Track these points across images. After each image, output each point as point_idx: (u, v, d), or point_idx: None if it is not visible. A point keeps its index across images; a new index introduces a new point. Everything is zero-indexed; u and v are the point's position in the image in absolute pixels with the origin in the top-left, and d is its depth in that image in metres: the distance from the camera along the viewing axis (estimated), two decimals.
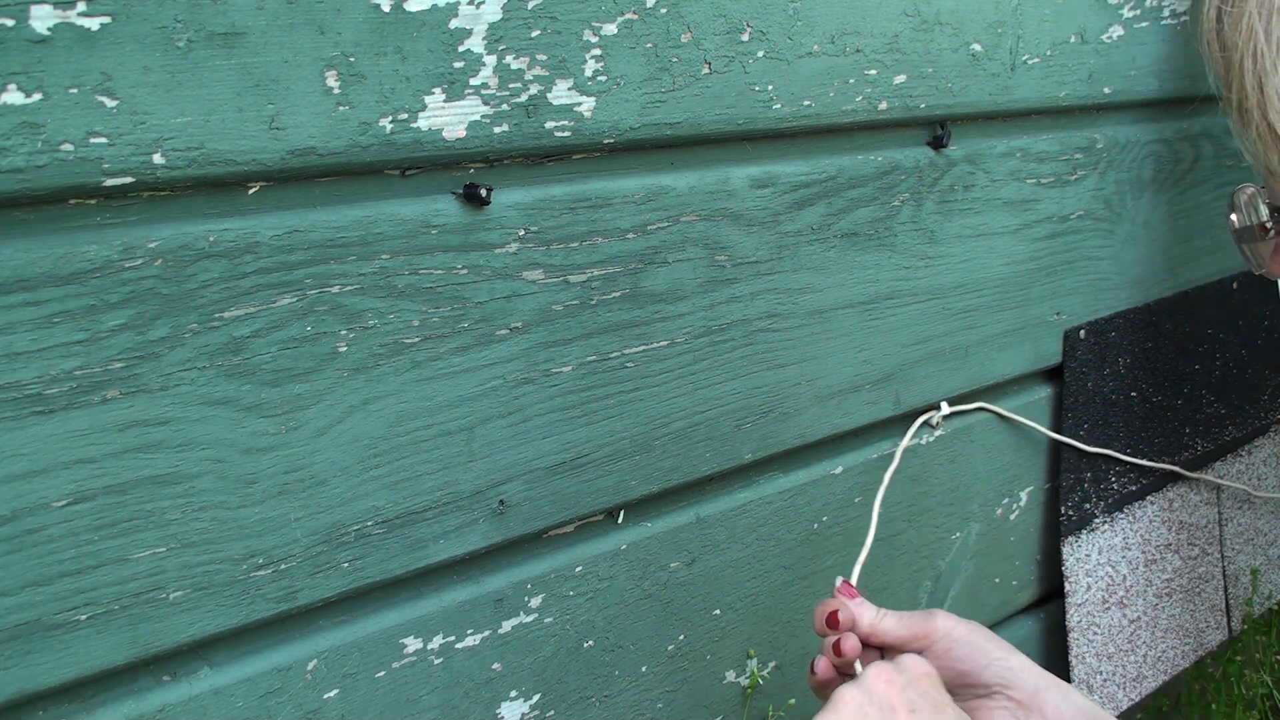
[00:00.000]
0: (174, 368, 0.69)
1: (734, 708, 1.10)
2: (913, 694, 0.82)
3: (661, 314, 0.93)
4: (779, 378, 1.05)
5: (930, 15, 1.06)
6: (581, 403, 0.90)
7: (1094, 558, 1.42)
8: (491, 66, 0.78)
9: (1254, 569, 1.67)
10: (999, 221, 1.21)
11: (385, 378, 0.78)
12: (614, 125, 0.86)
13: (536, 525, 0.90)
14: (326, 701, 0.81)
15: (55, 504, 0.66)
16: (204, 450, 0.71)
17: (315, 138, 0.71)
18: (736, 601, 1.08)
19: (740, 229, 0.97)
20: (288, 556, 0.76)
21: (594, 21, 0.82)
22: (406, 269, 0.78)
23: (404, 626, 0.84)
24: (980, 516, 1.31)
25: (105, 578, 0.69)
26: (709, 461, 1.01)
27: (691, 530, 1.02)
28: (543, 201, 0.84)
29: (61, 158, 0.62)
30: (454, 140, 0.78)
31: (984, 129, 1.18)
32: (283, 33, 0.68)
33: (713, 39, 0.90)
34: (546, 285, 0.86)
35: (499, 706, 0.91)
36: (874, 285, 1.10)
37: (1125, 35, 1.27)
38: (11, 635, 0.66)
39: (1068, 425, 1.36)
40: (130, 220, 0.67)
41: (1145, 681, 1.50)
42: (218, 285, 0.70)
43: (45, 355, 0.64)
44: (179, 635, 0.73)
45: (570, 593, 0.94)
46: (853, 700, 0.81)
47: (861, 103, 1.03)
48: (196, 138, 0.67)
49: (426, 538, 0.83)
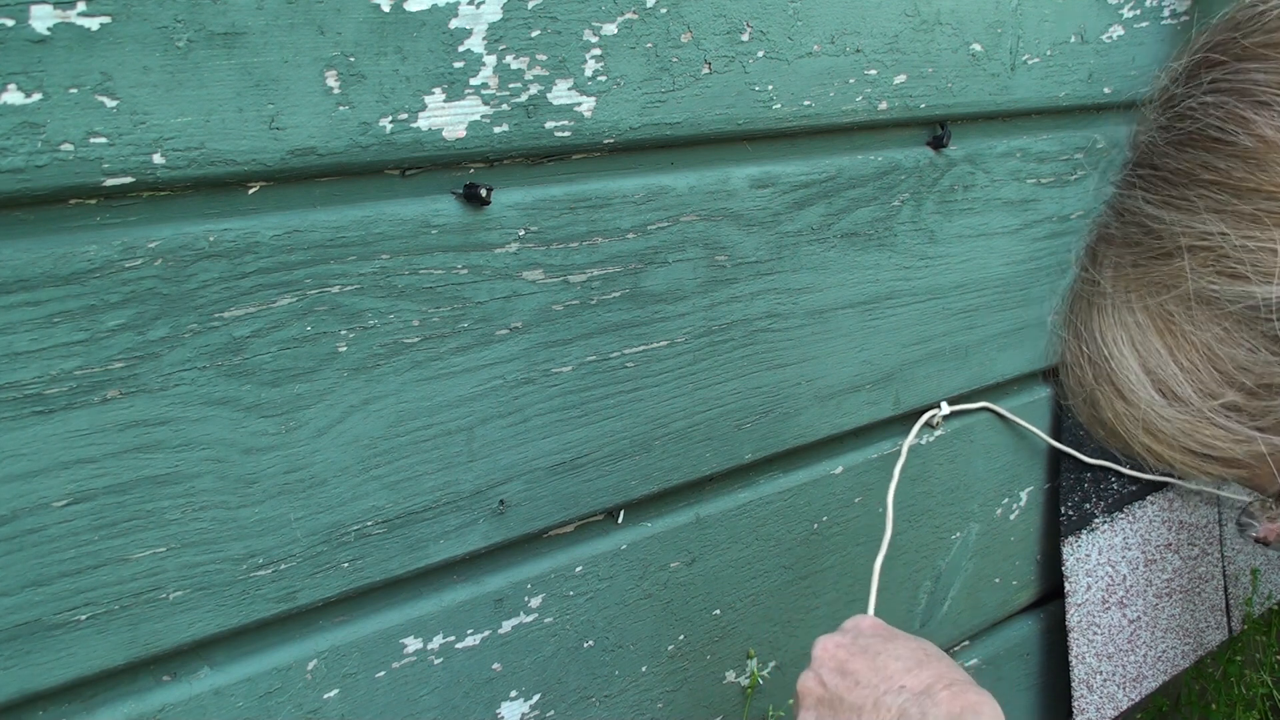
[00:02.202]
0: (174, 368, 0.69)
1: (734, 708, 1.10)
2: (863, 642, 0.83)
3: (661, 314, 0.93)
4: (779, 378, 1.05)
5: (930, 15, 1.06)
6: (581, 403, 0.90)
7: (1094, 558, 1.42)
8: (491, 66, 0.78)
9: (1254, 569, 1.67)
10: (999, 221, 1.21)
11: (385, 378, 0.78)
12: (614, 125, 0.86)
13: (536, 525, 0.90)
14: (326, 701, 0.81)
15: (55, 504, 0.66)
16: (204, 450, 0.71)
17: (315, 138, 0.71)
18: (736, 601, 1.08)
19: (740, 229, 0.97)
20: (288, 556, 0.76)
21: (594, 21, 0.82)
22: (406, 269, 0.78)
23: (404, 626, 0.84)
24: (980, 516, 1.31)
25: (105, 578, 0.69)
26: (709, 461, 1.01)
27: (691, 530, 1.02)
28: (543, 201, 0.84)
29: (61, 158, 0.62)
30: (454, 140, 0.78)
31: (984, 129, 1.18)
32: (283, 32, 0.68)
33: (713, 39, 0.90)
34: (546, 285, 0.86)
35: (499, 706, 0.91)
36: (874, 285, 1.10)
37: (1125, 35, 1.27)
38: (11, 635, 0.66)
39: (1068, 425, 1.36)
40: (130, 220, 0.67)
41: (1145, 681, 1.50)
42: (218, 285, 0.70)
43: (45, 355, 0.64)
44: (179, 635, 0.73)
45: (570, 593, 0.94)
46: (808, 681, 0.83)
47: (861, 103, 1.03)
48: (196, 138, 0.67)
49: (426, 538, 0.83)
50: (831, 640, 0.84)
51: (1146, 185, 0.64)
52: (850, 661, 0.81)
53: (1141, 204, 0.63)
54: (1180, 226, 0.61)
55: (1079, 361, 0.67)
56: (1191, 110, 0.62)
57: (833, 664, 0.82)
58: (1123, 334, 0.64)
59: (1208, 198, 0.60)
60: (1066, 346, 0.69)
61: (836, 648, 0.83)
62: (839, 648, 0.83)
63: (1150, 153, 0.65)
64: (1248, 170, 0.58)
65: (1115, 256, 0.65)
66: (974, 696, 0.75)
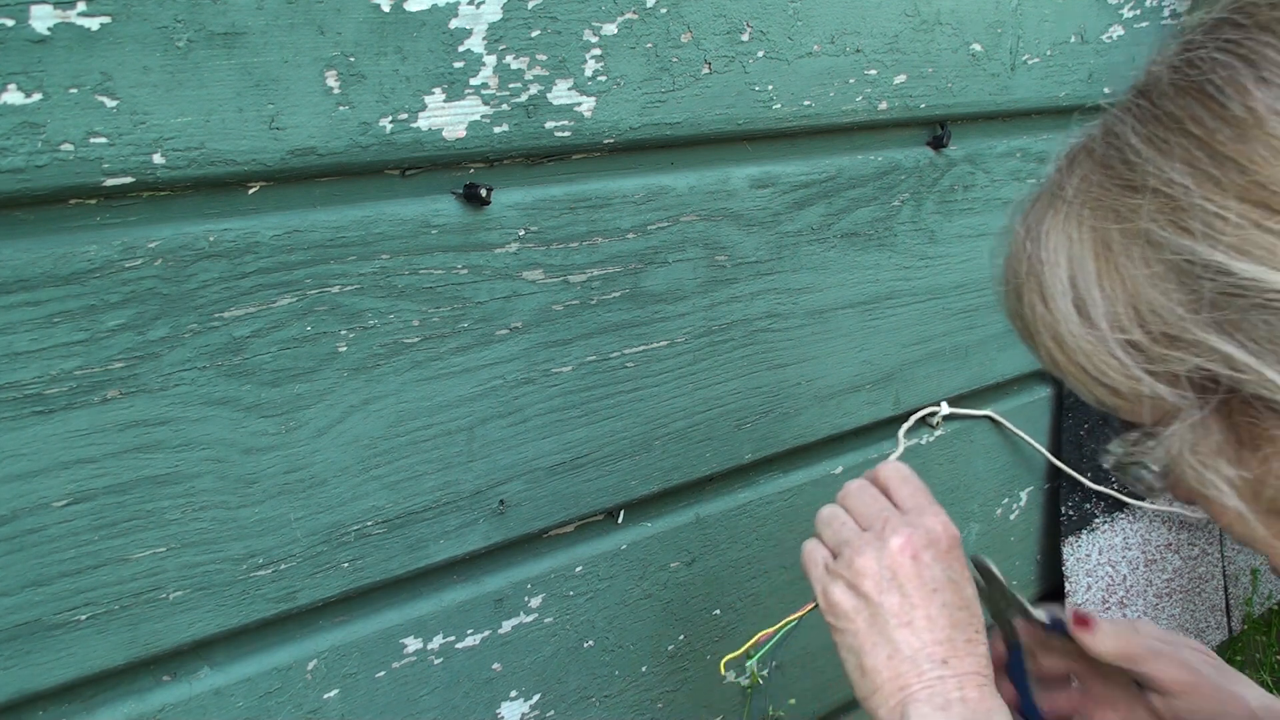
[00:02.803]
0: (174, 368, 0.69)
1: (734, 708, 1.10)
2: (937, 569, 0.77)
3: (661, 314, 0.93)
4: (779, 378, 1.05)
5: (930, 15, 1.06)
6: (581, 403, 0.90)
7: (1094, 557, 1.42)
8: (491, 66, 0.78)
9: (1254, 569, 1.67)
10: (999, 221, 1.21)
11: (385, 378, 0.78)
12: (614, 125, 0.86)
13: (536, 525, 0.90)
14: (326, 701, 0.81)
15: (55, 504, 0.66)
16: (204, 450, 0.71)
17: (315, 138, 0.71)
18: (736, 601, 1.08)
19: (740, 229, 0.97)
20: (288, 556, 0.76)
21: (594, 21, 0.82)
22: (406, 269, 0.78)
23: (404, 626, 0.84)
24: (980, 516, 1.31)
25: (105, 578, 0.69)
26: (709, 461, 1.01)
27: (691, 530, 1.02)
28: (543, 201, 0.84)
29: (61, 158, 0.62)
30: (454, 140, 0.78)
31: (984, 129, 1.18)
32: (283, 32, 0.68)
33: (713, 39, 0.90)
34: (546, 285, 0.86)
35: (499, 706, 0.91)
36: (874, 285, 1.10)
37: (1125, 35, 1.27)
38: (11, 635, 0.66)
39: (1068, 425, 1.36)
40: (130, 220, 0.67)
41: None
42: (218, 285, 0.70)
43: (45, 355, 0.64)
44: (179, 635, 0.73)
45: (570, 593, 0.94)
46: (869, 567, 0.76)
47: (861, 103, 1.03)
48: (196, 138, 0.67)
49: (426, 538, 0.83)
50: (910, 543, 0.76)
51: (1139, 116, 0.66)
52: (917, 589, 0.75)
53: (1129, 132, 0.66)
54: (1153, 166, 0.63)
55: (1019, 254, 0.70)
56: (1201, 61, 0.63)
57: (904, 574, 0.75)
58: (1064, 242, 0.67)
59: (1186, 149, 0.62)
60: (1015, 235, 0.71)
61: (914, 558, 0.76)
62: (915, 559, 0.76)
63: (1154, 86, 0.66)
64: (1229, 136, 0.60)
65: (1087, 170, 0.68)
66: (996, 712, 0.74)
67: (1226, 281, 0.60)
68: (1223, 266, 0.60)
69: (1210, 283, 0.60)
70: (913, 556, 0.76)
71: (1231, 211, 0.59)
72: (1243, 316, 0.60)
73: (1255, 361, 0.60)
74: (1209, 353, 0.61)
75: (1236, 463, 0.64)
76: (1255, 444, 0.63)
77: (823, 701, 1.19)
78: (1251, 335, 0.60)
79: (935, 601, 0.76)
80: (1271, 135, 0.59)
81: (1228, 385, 0.62)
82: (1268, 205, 0.59)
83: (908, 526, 0.78)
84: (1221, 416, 0.64)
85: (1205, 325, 0.61)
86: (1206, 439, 0.64)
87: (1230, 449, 0.64)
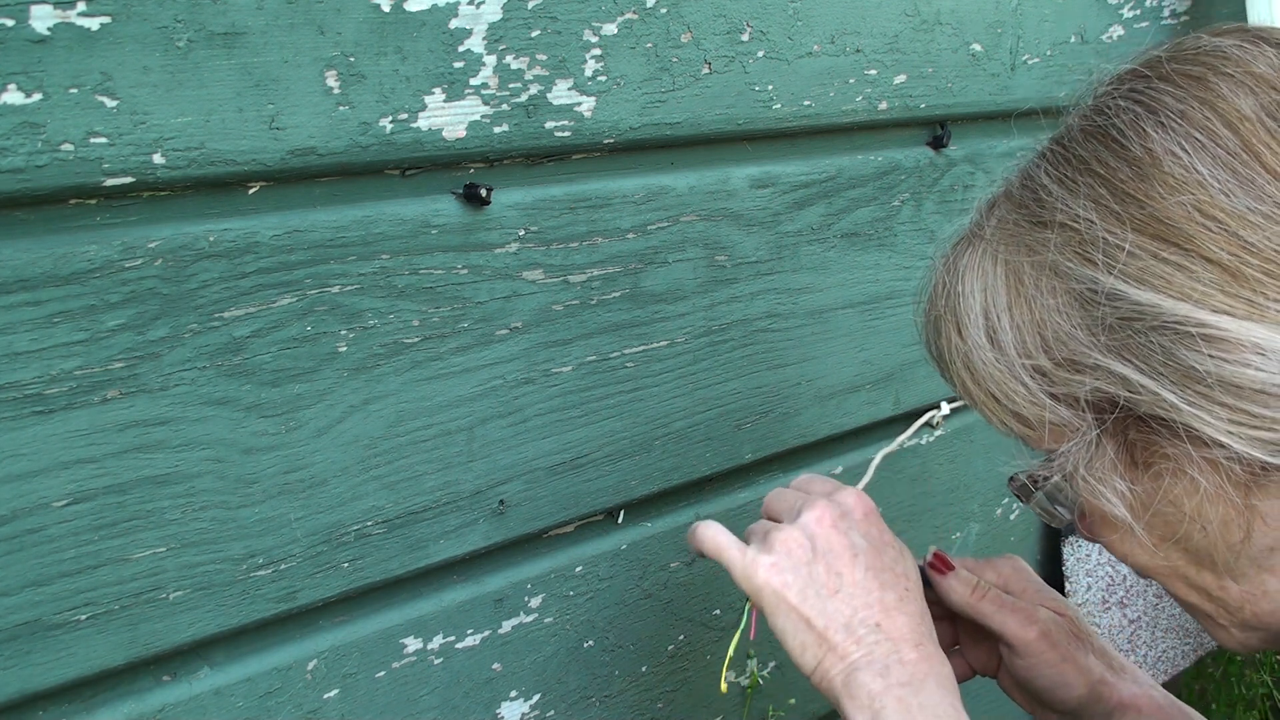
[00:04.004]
0: (174, 368, 0.69)
1: (734, 708, 1.10)
2: (855, 536, 0.79)
3: (661, 314, 0.93)
4: (779, 378, 1.05)
5: (930, 15, 1.06)
6: (581, 403, 0.90)
7: (1094, 557, 1.42)
8: (491, 66, 0.78)
9: None
10: None
11: (385, 378, 0.78)
12: (614, 125, 0.86)
13: (536, 525, 0.90)
14: (326, 701, 0.81)
15: (55, 504, 0.66)
16: (204, 450, 0.71)
17: (315, 138, 0.71)
18: (736, 601, 1.07)
19: (740, 229, 0.97)
20: (288, 556, 0.76)
21: (594, 21, 0.82)
22: (406, 269, 0.78)
23: (404, 626, 0.84)
24: (980, 516, 1.31)
25: (105, 578, 0.69)
26: (709, 461, 1.01)
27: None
28: (542, 201, 0.84)
29: (61, 158, 0.62)
30: (454, 140, 0.78)
31: (984, 129, 1.18)
32: (283, 33, 0.68)
33: (713, 39, 0.90)
34: (546, 285, 0.86)
35: (499, 706, 0.91)
36: (874, 285, 1.10)
37: (1125, 35, 1.27)
38: (11, 635, 0.66)
39: None
40: (130, 220, 0.67)
41: None
42: (218, 285, 0.70)
43: (45, 355, 0.64)
44: (179, 635, 0.73)
45: (570, 593, 0.94)
46: (790, 541, 0.77)
47: (861, 103, 1.03)
48: (196, 138, 0.67)
49: (426, 538, 0.83)
50: (827, 514, 0.79)
51: (1052, 160, 0.71)
52: (839, 555, 0.77)
53: (1042, 174, 0.70)
54: (1062, 203, 0.68)
55: (939, 288, 0.75)
56: (1108, 108, 0.69)
57: (824, 544, 0.77)
58: (979, 278, 0.72)
59: (1092, 187, 0.67)
60: (935, 271, 0.76)
61: (832, 527, 0.78)
62: (833, 528, 0.78)
63: (1067, 133, 0.71)
64: (1130, 175, 0.66)
65: (1004, 211, 0.72)
66: (936, 667, 0.75)
67: (1126, 308, 0.64)
68: (1122, 294, 0.64)
69: (1110, 309, 0.65)
70: (831, 525, 0.79)
71: (1130, 244, 0.64)
72: (1140, 340, 0.64)
73: (1151, 383, 0.64)
74: (1107, 375, 0.66)
75: (1129, 479, 0.68)
76: (1148, 461, 0.67)
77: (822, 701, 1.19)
78: (1147, 359, 0.64)
79: (859, 565, 0.78)
80: (1168, 175, 0.64)
81: (1124, 406, 0.66)
82: (1164, 238, 0.64)
83: (821, 499, 0.81)
84: (1116, 436, 0.68)
85: (1105, 349, 0.66)
86: (1101, 457, 0.69)
87: (1123, 465, 0.68)
